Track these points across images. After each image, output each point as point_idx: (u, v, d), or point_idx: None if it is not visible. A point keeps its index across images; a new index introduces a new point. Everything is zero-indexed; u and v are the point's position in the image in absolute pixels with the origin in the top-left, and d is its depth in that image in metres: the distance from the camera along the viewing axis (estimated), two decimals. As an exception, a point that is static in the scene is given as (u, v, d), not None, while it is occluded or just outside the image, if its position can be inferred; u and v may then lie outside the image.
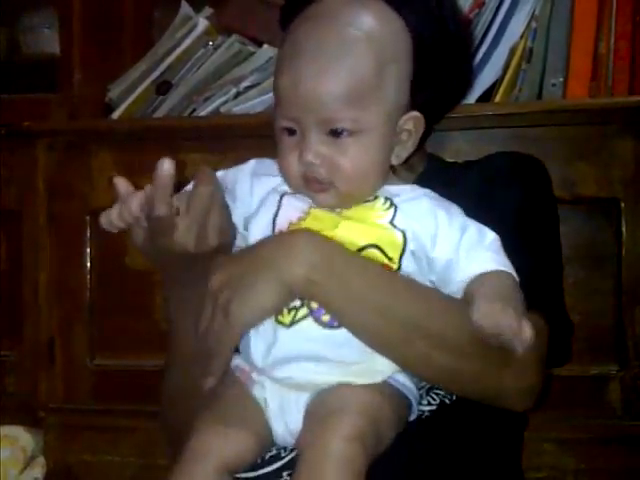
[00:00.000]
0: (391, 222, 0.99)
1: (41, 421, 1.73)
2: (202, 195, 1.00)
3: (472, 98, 1.56)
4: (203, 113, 1.74)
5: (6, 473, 1.65)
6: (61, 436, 1.73)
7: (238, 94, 1.73)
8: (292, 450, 1.01)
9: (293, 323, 0.96)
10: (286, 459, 1.01)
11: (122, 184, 1.00)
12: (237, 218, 1.05)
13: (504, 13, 1.58)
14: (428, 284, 1.01)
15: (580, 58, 1.54)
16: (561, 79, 1.54)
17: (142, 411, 1.64)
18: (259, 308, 0.96)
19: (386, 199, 1.01)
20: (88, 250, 1.74)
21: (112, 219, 0.99)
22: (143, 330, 1.70)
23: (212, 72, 1.78)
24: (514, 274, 0.98)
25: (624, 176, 1.49)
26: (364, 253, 0.98)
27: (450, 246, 0.99)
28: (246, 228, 1.04)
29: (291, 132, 0.99)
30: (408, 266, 0.98)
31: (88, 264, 1.74)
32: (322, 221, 1.00)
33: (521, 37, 1.57)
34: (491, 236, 1.00)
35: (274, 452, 1.02)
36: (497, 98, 1.56)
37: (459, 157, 1.36)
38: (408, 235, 0.99)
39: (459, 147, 1.51)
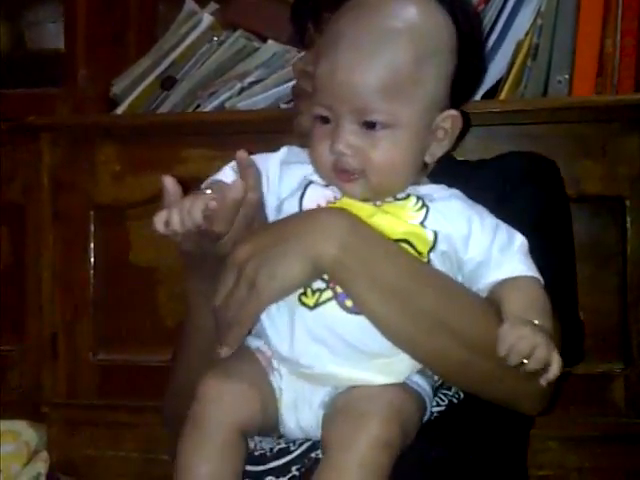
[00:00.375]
0: (422, 223, 0.98)
1: (44, 416, 1.74)
2: (251, 204, 0.98)
3: (477, 95, 1.56)
4: (207, 109, 1.74)
5: (9, 467, 1.65)
6: (64, 431, 1.73)
7: (242, 90, 1.73)
8: (301, 444, 1.01)
9: (317, 305, 0.95)
10: (295, 453, 1.01)
11: (171, 185, 0.96)
12: (269, 208, 1.04)
13: (510, 10, 1.57)
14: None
15: (586, 55, 1.53)
16: (566, 76, 1.54)
17: (145, 407, 1.65)
18: (286, 282, 0.94)
19: (418, 199, 1.00)
20: (92, 245, 1.74)
21: (173, 224, 0.93)
22: (146, 326, 1.70)
23: (216, 68, 1.78)
24: (541, 279, 0.97)
25: (629, 174, 1.49)
26: None
27: (482, 248, 0.98)
28: (278, 214, 1.03)
29: (325, 121, 0.98)
30: (436, 262, 0.97)
31: (92, 259, 1.74)
32: (355, 209, 0.98)
33: (527, 34, 1.56)
34: (520, 239, 1.00)
35: (283, 445, 1.01)
36: (502, 95, 1.55)
37: (464, 154, 1.36)
38: (440, 236, 0.97)
39: (464, 144, 1.49)
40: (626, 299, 1.49)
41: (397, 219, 0.98)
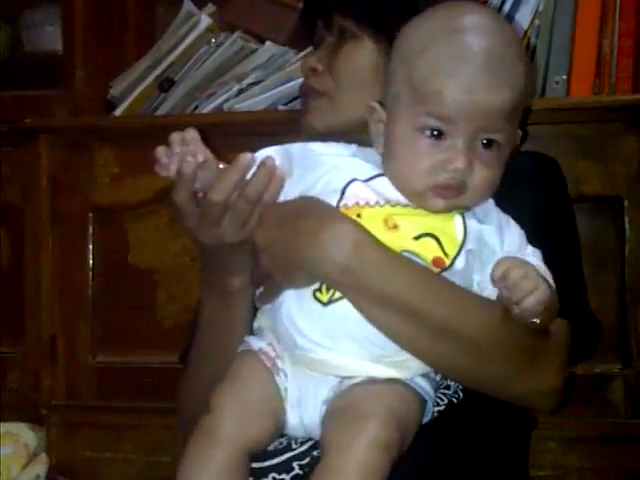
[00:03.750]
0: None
1: (43, 418, 1.73)
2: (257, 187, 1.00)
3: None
4: (206, 110, 1.74)
5: (8, 470, 1.65)
6: (63, 433, 1.73)
7: (241, 91, 1.73)
8: (302, 443, 1.01)
9: (330, 302, 0.96)
10: (297, 451, 1.01)
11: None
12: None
13: (507, 10, 1.58)
14: (475, 284, 1.00)
15: (583, 56, 1.54)
16: (564, 77, 1.54)
17: (144, 408, 1.65)
18: (296, 285, 0.98)
19: None
20: (90, 247, 1.74)
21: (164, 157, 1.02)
22: (145, 327, 1.70)
23: (214, 69, 1.78)
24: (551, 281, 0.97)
25: (627, 174, 1.49)
26: (419, 242, 0.97)
27: (514, 240, 1.00)
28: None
29: (435, 134, 0.96)
30: (460, 264, 0.97)
31: (90, 261, 1.74)
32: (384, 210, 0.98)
33: (524, 34, 1.56)
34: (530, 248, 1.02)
35: (285, 443, 1.02)
36: (500, 95, 1.55)
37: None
38: (469, 230, 0.98)
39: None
40: (624, 299, 1.49)
41: (423, 214, 0.98)
